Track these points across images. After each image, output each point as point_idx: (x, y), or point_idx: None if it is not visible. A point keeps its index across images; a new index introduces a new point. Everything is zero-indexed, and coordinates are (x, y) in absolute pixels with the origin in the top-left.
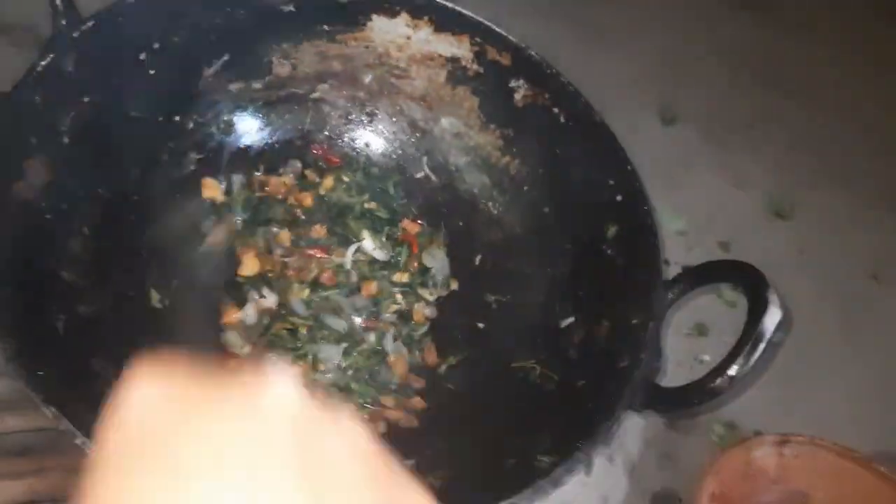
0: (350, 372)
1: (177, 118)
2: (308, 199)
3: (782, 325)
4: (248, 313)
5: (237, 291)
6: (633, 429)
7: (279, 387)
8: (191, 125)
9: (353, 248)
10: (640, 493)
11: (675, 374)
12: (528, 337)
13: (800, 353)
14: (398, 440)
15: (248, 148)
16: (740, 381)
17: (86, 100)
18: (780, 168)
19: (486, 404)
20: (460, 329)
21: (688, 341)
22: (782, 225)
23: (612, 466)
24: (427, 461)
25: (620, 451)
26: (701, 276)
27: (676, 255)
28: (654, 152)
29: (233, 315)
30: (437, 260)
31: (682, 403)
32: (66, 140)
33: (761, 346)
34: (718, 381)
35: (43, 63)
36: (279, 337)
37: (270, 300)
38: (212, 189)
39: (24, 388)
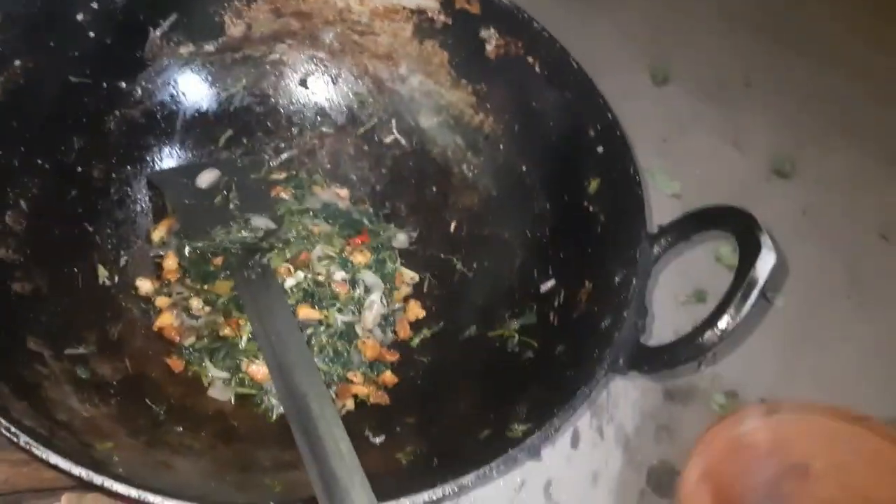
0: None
1: (123, 84)
2: None
3: (776, 271)
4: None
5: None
6: (628, 400)
7: None
8: (139, 92)
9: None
10: (636, 468)
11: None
12: (507, 304)
13: (805, 317)
14: (368, 417)
15: (202, 114)
16: (731, 334)
17: (17, 63)
18: (779, 126)
19: (462, 377)
20: (434, 300)
21: (686, 309)
22: (784, 185)
23: (602, 440)
24: (397, 438)
25: (611, 423)
26: (687, 226)
27: (671, 219)
28: (646, 115)
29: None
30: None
31: (668, 362)
32: None
33: (754, 294)
34: (707, 334)
35: None
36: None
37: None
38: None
39: None
